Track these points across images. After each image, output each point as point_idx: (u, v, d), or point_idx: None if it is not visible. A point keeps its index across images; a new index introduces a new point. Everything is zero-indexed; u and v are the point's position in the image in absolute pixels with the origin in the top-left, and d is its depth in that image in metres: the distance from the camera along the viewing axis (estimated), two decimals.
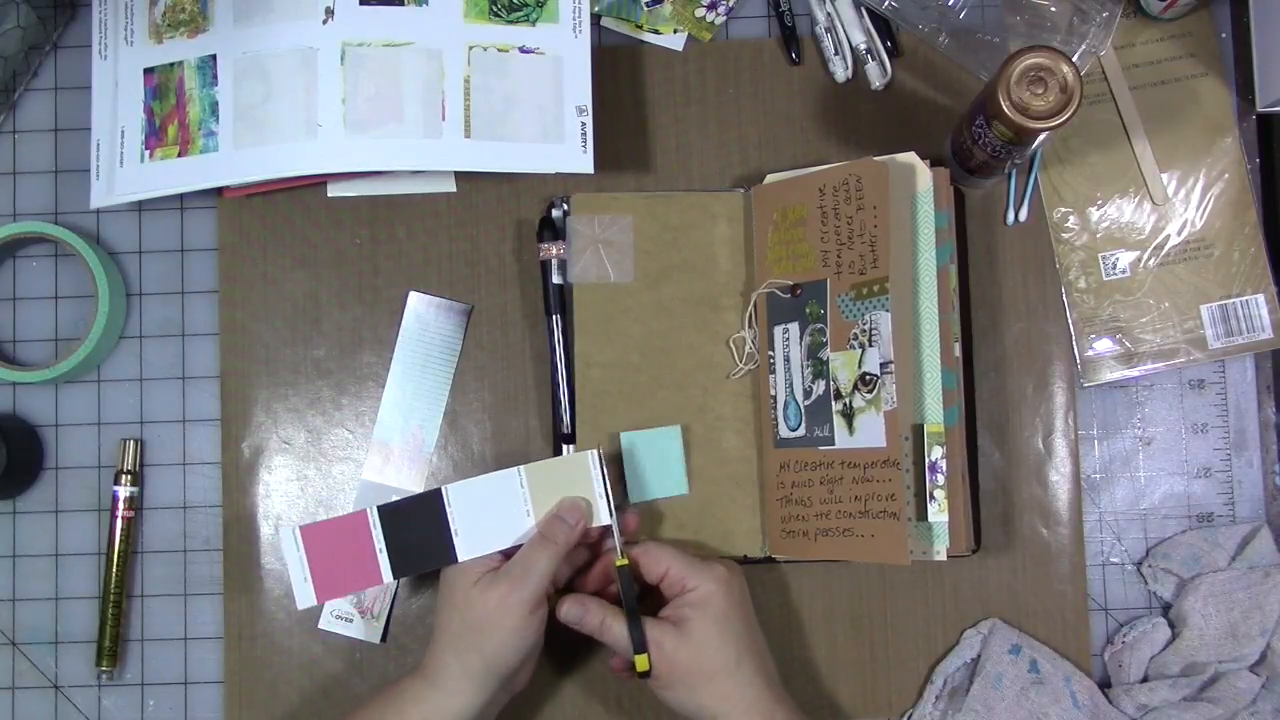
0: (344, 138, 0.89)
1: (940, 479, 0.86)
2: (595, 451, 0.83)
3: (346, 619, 0.92)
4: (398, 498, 0.85)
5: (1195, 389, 0.94)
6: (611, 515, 0.83)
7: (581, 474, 0.83)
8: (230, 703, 0.93)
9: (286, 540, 0.84)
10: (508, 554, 0.83)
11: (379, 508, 0.83)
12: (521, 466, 0.83)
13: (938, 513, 0.86)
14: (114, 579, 0.92)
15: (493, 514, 0.83)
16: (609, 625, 0.82)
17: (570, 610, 0.83)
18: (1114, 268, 0.94)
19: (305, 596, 0.84)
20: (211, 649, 0.94)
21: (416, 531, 0.83)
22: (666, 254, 0.92)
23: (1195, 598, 0.89)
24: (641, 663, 0.80)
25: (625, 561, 0.82)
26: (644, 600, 0.84)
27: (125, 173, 0.91)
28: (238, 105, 0.90)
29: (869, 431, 0.84)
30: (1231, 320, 0.93)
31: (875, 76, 0.95)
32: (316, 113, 0.89)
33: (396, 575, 0.83)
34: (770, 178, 0.93)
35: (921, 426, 0.86)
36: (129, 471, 0.93)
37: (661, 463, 0.91)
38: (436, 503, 0.83)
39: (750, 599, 0.84)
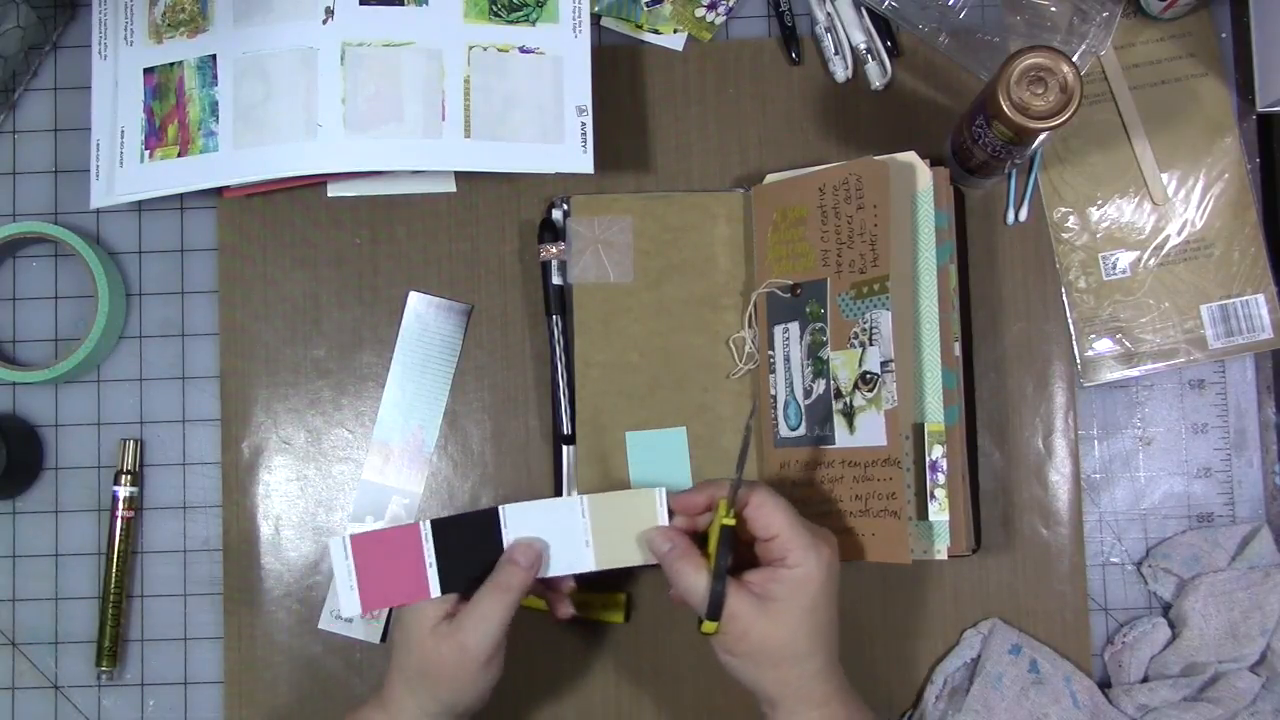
0: (344, 138, 0.89)
1: (941, 478, 0.86)
2: (662, 490, 0.81)
3: (346, 619, 0.92)
4: (451, 513, 0.82)
5: (1195, 389, 0.94)
6: (739, 471, 0.79)
7: (646, 510, 0.81)
8: (230, 703, 0.93)
9: (336, 549, 0.81)
10: (465, 594, 0.80)
11: (432, 521, 0.81)
12: (585, 496, 0.81)
13: (938, 512, 0.86)
14: (114, 579, 0.92)
15: (551, 541, 0.81)
16: (687, 573, 0.77)
17: (660, 540, 0.79)
18: (1114, 268, 0.94)
19: (351, 605, 0.81)
20: (211, 649, 0.94)
21: (468, 548, 0.81)
22: (666, 254, 0.92)
23: (1195, 598, 0.89)
24: (709, 627, 0.77)
25: (733, 522, 0.78)
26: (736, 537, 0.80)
27: (125, 173, 0.91)
28: (238, 105, 0.90)
29: (869, 430, 0.84)
30: (1231, 320, 0.93)
31: (875, 76, 0.95)
32: (316, 113, 0.89)
33: (445, 590, 0.80)
34: (770, 178, 0.93)
35: (922, 425, 0.86)
36: (129, 471, 0.93)
37: (667, 464, 0.91)
38: (492, 522, 0.81)
39: (839, 580, 0.79)
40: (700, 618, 0.77)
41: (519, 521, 0.81)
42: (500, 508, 0.81)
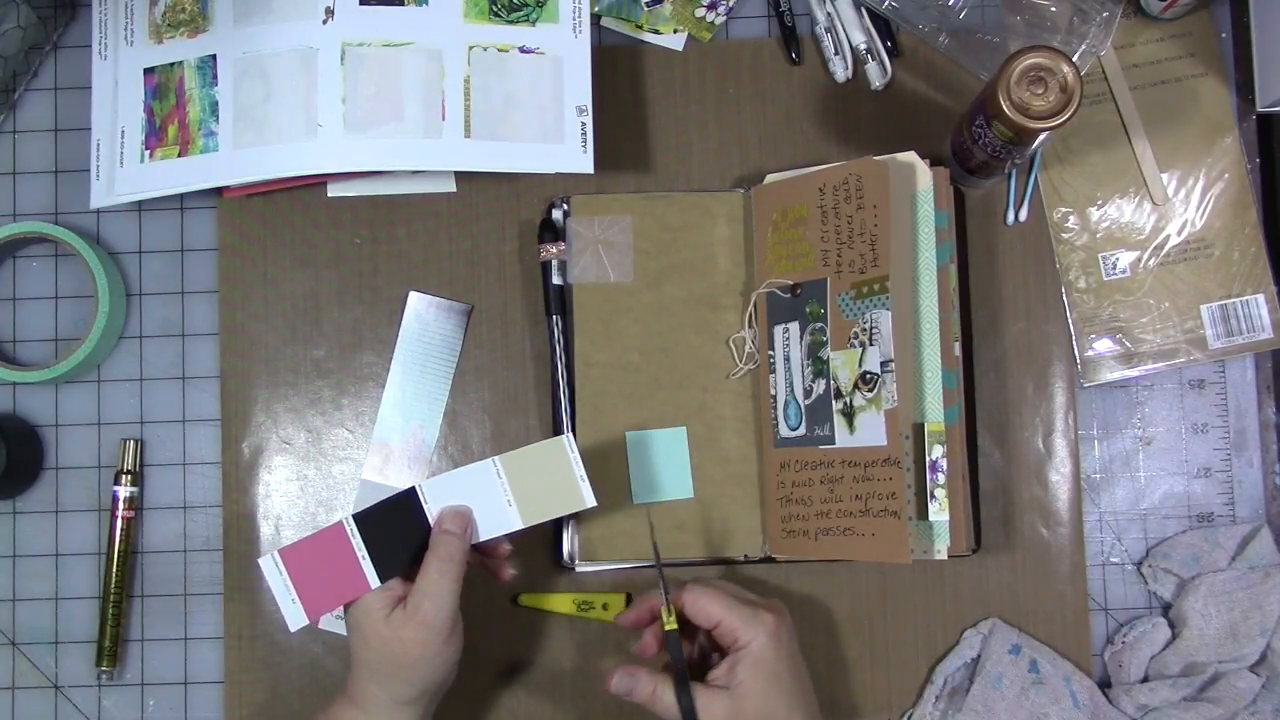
0: (344, 138, 0.89)
1: (941, 478, 0.86)
2: (568, 435, 0.82)
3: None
4: (372, 503, 0.83)
5: (1195, 389, 0.94)
6: (662, 576, 0.82)
7: (559, 458, 0.81)
8: (230, 703, 0.93)
9: (268, 567, 0.82)
10: (409, 575, 0.81)
11: (354, 516, 0.81)
12: (496, 457, 0.82)
13: (938, 512, 0.86)
14: (114, 579, 0.92)
15: (474, 506, 0.82)
16: (660, 694, 0.80)
17: (620, 682, 0.81)
18: (1114, 268, 0.94)
19: (296, 617, 0.82)
20: (211, 649, 0.94)
21: (397, 532, 0.82)
22: (666, 254, 0.92)
23: (1195, 598, 0.89)
24: None
25: (674, 626, 0.80)
26: (692, 633, 0.83)
27: (125, 173, 0.91)
28: (238, 105, 0.90)
29: (869, 430, 0.84)
30: (1231, 320, 0.93)
31: (875, 76, 0.95)
32: (316, 113, 0.89)
33: (384, 578, 0.81)
34: (770, 178, 0.93)
35: (922, 425, 0.86)
36: (129, 471, 0.93)
37: (667, 464, 0.91)
38: (413, 501, 0.82)
39: (797, 639, 0.83)
40: None
41: (438, 494, 0.82)
42: (417, 485, 0.82)
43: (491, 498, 0.82)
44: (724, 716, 0.78)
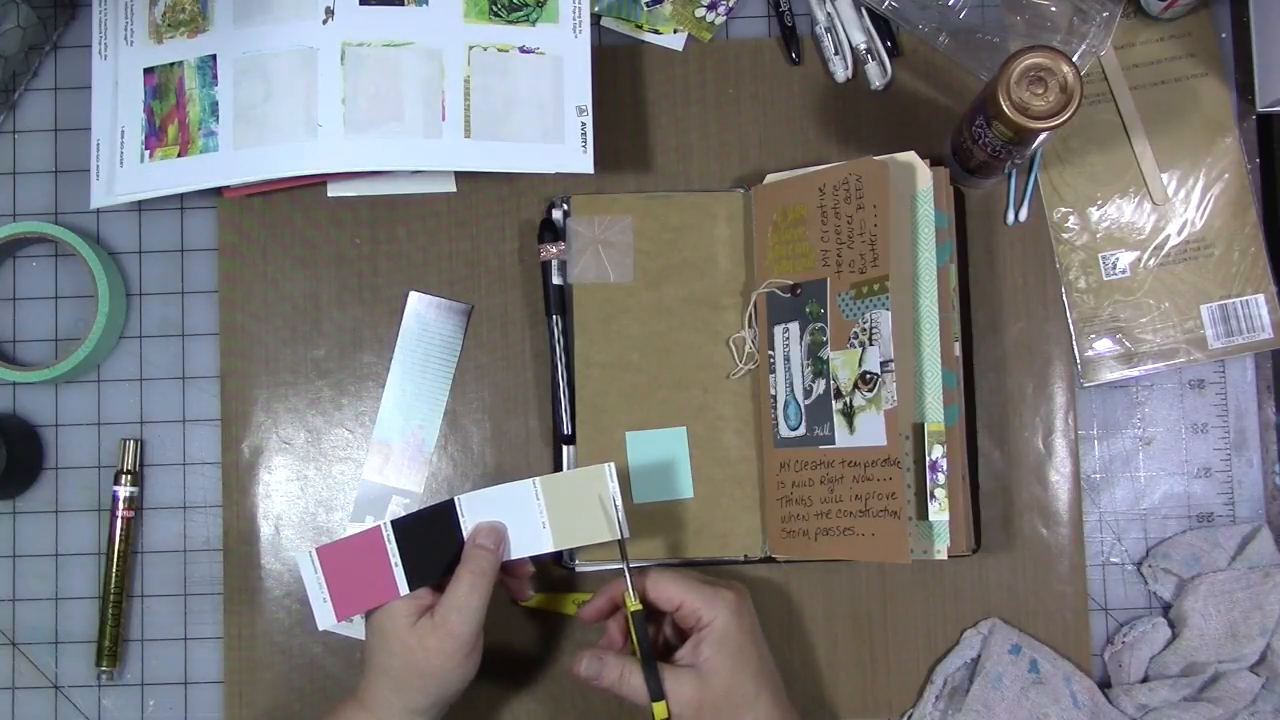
0: (344, 138, 0.89)
1: (941, 478, 0.86)
2: (610, 465, 0.82)
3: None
4: (411, 510, 0.84)
5: (1195, 389, 0.94)
6: (625, 559, 0.81)
7: (598, 487, 0.82)
8: (230, 703, 0.93)
9: (304, 563, 0.83)
10: (438, 586, 0.81)
11: (393, 523, 0.82)
12: (537, 478, 0.82)
13: (938, 512, 0.86)
14: (114, 579, 0.92)
15: (508, 524, 0.83)
16: (627, 677, 0.80)
17: (589, 666, 0.81)
18: (1114, 268, 0.94)
19: (325, 617, 0.83)
20: (211, 649, 0.94)
21: (430, 542, 0.82)
22: (666, 254, 0.92)
23: (1195, 598, 0.89)
24: (660, 710, 0.78)
25: (639, 607, 0.81)
26: (657, 620, 0.84)
27: (125, 173, 0.91)
28: (238, 105, 0.90)
29: (869, 430, 0.84)
30: (1231, 320, 0.93)
31: (875, 76, 0.95)
32: (316, 113, 0.89)
33: (413, 586, 0.81)
34: (770, 178, 0.93)
35: (922, 425, 0.87)
36: (129, 471, 0.93)
37: (667, 464, 0.91)
38: (449, 513, 0.82)
39: (758, 618, 0.84)
40: (655, 716, 0.79)
41: (475, 509, 0.82)
42: (456, 498, 0.82)
43: (527, 518, 0.82)
44: (691, 694, 0.79)
